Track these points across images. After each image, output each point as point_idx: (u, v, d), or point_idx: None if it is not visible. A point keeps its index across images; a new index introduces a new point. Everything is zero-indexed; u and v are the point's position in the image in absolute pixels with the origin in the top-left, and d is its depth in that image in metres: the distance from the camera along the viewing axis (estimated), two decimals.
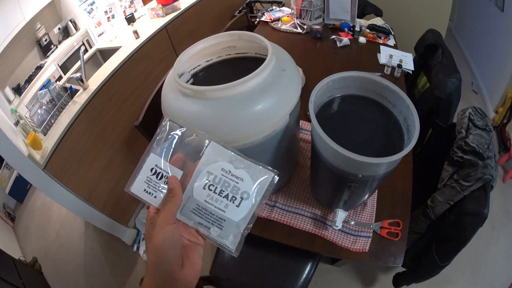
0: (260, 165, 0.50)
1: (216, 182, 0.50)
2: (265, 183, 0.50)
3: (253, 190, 0.50)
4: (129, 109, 2.07)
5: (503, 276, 1.99)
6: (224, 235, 0.49)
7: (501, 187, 2.44)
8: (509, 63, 2.72)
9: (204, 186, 0.50)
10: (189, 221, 0.50)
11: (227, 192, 0.50)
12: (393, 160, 0.63)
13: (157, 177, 0.51)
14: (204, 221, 0.49)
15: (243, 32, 0.88)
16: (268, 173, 0.50)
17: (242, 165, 0.50)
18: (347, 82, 0.81)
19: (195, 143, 0.53)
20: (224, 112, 0.69)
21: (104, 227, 1.98)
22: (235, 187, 0.50)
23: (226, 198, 0.49)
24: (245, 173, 0.50)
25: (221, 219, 0.49)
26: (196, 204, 0.50)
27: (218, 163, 0.51)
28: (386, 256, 1.03)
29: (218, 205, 0.49)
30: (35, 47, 1.79)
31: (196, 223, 0.49)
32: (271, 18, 2.39)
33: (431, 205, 1.31)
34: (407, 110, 0.74)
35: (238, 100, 0.69)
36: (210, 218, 0.49)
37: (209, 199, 0.50)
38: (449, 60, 1.68)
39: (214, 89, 0.68)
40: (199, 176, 0.50)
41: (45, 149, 1.54)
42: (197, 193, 0.50)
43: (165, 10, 2.44)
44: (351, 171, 0.71)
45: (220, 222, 0.49)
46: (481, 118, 1.35)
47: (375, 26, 2.16)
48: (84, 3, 2.08)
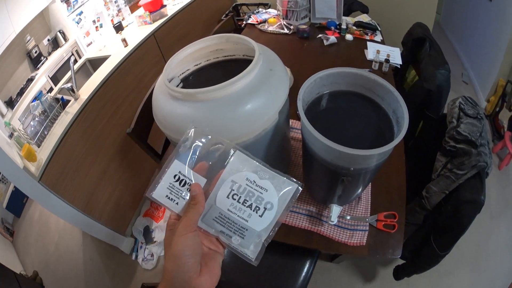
0: (285, 177, 0.51)
1: (240, 191, 0.50)
2: (289, 194, 0.50)
3: (276, 200, 0.50)
4: (121, 117, 2.07)
5: (506, 264, 2.00)
6: (245, 244, 0.49)
7: (498, 175, 2.46)
8: (499, 52, 2.74)
9: (228, 195, 0.50)
10: (211, 229, 0.49)
11: (251, 202, 0.50)
12: (383, 151, 0.63)
13: (180, 183, 0.50)
14: (226, 230, 0.49)
15: (230, 35, 0.89)
16: (292, 184, 0.50)
17: (267, 176, 0.50)
18: (334, 79, 0.82)
19: (220, 152, 0.52)
20: (214, 113, 0.70)
21: (101, 237, 1.98)
22: (259, 197, 0.50)
23: (250, 208, 0.49)
24: (270, 183, 0.50)
25: (244, 228, 0.49)
26: (219, 212, 0.49)
27: (243, 173, 0.51)
28: (384, 248, 1.03)
29: (241, 214, 0.49)
30: (25, 59, 1.80)
31: (217, 231, 0.49)
32: (258, 20, 2.40)
33: (426, 195, 1.31)
34: (395, 103, 0.75)
35: (227, 101, 0.70)
36: (233, 227, 0.49)
37: (232, 208, 0.49)
38: (437, 52, 1.70)
39: (203, 91, 0.68)
40: (223, 185, 0.50)
41: (40, 160, 1.54)
42: (220, 202, 0.50)
43: (152, 17, 2.45)
44: (343, 164, 0.71)
45: (242, 231, 0.49)
46: (472, 107, 1.37)
47: (361, 23, 2.18)
48: (72, 13, 2.08)
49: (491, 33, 2.94)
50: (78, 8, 2.13)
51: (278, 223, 0.49)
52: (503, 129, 2.57)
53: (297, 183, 0.50)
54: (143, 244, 2.17)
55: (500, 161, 2.51)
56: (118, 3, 2.48)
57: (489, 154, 1.24)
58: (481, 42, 3.22)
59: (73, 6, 2.09)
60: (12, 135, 1.52)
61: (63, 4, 2.02)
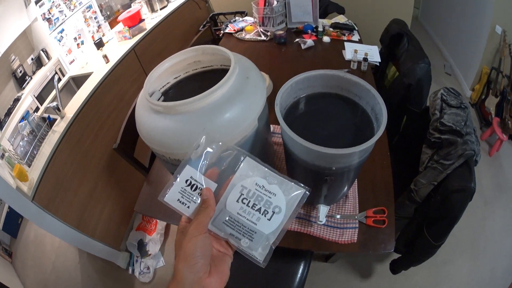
0: (293, 182, 0.52)
1: (250, 196, 0.51)
2: (297, 198, 0.52)
3: (284, 204, 0.51)
4: (106, 134, 2.07)
5: (505, 247, 2.03)
6: (253, 247, 0.50)
7: (488, 162, 2.50)
8: (481, 39, 2.78)
9: (238, 199, 0.52)
10: (221, 232, 0.51)
11: (260, 206, 0.51)
12: (363, 148, 0.65)
13: (191, 188, 0.52)
14: (236, 233, 0.51)
15: (206, 46, 0.90)
16: (300, 189, 0.52)
17: (275, 181, 0.52)
18: (310, 82, 0.84)
19: (230, 158, 0.54)
20: (194, 124, 0.71)
21: (97, 253, 1.97)
22: (268, 201, 0.51)
23: (259, 212, 0.51)
24: (278, 188, 0.52)
25: (252, 231, 0.50)
26: (229, 216, 0.51)
27: (253, 178, 0.52)
28: (376, 243, 1.05)
29: (250, 217, 0.51)
30: (11, 79, 1.80)
31: (227, 234, 0.51)
32: (235, 29, 2.42)
33: (414, 188, 1.33)
34: (373, 100, 0.77)
35: (206, 111, 0.71)
36: (242, 230, 0.51)
37: (241, 212, 0.51)
38: (416, 47, 1.72)
39: (182, 103, 0.70)
40: (233, 189, 0.52)
41: (32, 180, 1.54)
42: (230, 206, 0.51)
43: (131, 32, 2.46)
44: (324, 165, 0.73)
45: (251, 234, 0.50)
46: (455, 97, 1.38)
47: (338, 24, 2.21)
48: (54, 31, 2.09)
49: (472, 22, 2.98)
50: (59, 26, 2.13)
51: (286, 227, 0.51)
52: (490, 116, 2.60)
53: (304, 188, 0.52)
54: (138, 258, 2.17)
55: (490, 147, 2.55)
56: (98, 19, 2.48)
57: (477, 141, 1.25)
58: (461, 31, 3.27)
59: (55, 24, 2.10)
60: (3, 155, 1.52)
61: (45, 23, 2.02)
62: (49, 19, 2.05)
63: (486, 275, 1.92)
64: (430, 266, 1.89)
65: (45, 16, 2.02)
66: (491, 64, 2.72)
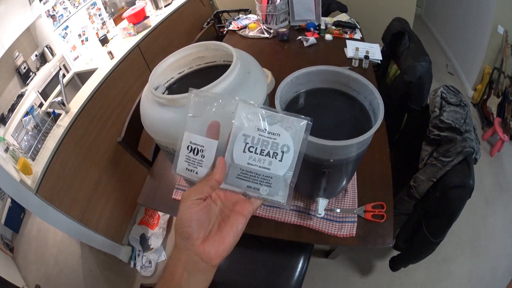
0: (292, 115, 0.50)
1: (255, 143, 0.49)
2: (301, 131, 0.49)
3: (291, 141, 0.49)
4: (111, 128, 2.10)
5: (506, 247, 2.03)
6: (273, 192, 0.49)
7: (490, 161, 2.51)
8: (483, 39, 2.78)
9: (244, 149, 0.49)
10: (237, 188, 0.50)
11: (268, 149, 0.49)
12: (360, 141, 0.67)
13: (194, 153, 0.51)
14: (252, 183, 0.49)
15: (209, 42, 0.93)
16: (302, 121, 0.50)
17: (276, 120, 0.50)
18: (310, 77, 0.86)
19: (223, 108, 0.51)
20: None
21: (99, 247, 2.00)
22: (274, 143, 0.49)
23: (269, 156, 0.49)
24: (280, 127, 0.49)
25: (268, 176, 0.49)
26: (240, 169, 0.49)
27: (252, 124, 0.49)
28: (374, 238, 1.07)
29: (262, 164, 0.49)
30: (15, 76, 1.81)
31: (244, 187, 0.50)
32: (239, 26, 2.44)
33: (414, 185, 1.34)
34: (371, 95, 0.79)
35: None
36: (257, 178, 0.49)
37: (251, 161, 0.49)
38: (417, 45, 1.73)
39: (185, 95, 0.72)
40: (236, 141, 0.49)
41: (35, 173, 1.56)
42: (238, 158, 0.49)
43: (136, 29, 2.48)
44: (323, 156, 0.75)
45: (268, 180, 0.49)
46: (455, 95, 1.39)
47: (340, 22, 2.22)
48: (58, 28, 2.11)
49: (475, 22, 2.98)
50: (63, 23, 2.15)
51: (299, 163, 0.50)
52: (492, 116, 2.61)
53: (305, 118, 0.50)
54: (140, 252, 2.19)
55: (491, 148, 2.55)
56: (102, 16, 2.51)
57: (476, 139, 1.26)
58: (464, 31, 3.27)
59: (59, 21, 2.11)
60: (7, 149, 1.54)
61: (49, 19, 2.04)
62: (53, 16, 2.07)
63: (486, 274, 1.93)
64: (431, 263, 1.90)
65: (49, 13, 2.04)
66: (493, 64, 2.72)
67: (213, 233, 0.47)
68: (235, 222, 0.48)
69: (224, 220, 0.49)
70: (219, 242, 0.46)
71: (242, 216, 0.49)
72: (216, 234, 0.47)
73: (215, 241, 0.46)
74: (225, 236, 0.47)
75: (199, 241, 0.45)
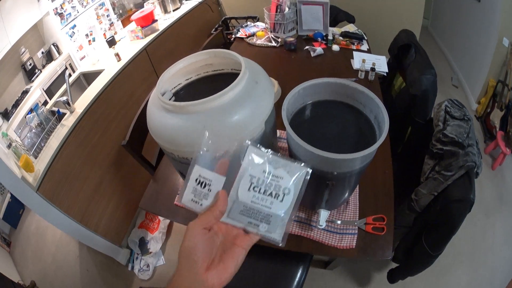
0: (295, 162, 0.54)
1: (260, 183, 0.53)
2: (302, 176, 0.54)
3: (292, 184, 0.53)
4: (115, 130, 2.10)
5: (505, 261, 2.02)
6: (272, 229, 0.52)
7: (491, 175, 2.51)
8: (488, 52, 2.79)
9: (249, 188, 0.53)
10: (238, 223, 0.53)
11: (271, 190, 0.53)
12: (364, 155, 0.67)
13: (201, 186, 0.55)
14: (253, 220, 0.53)
15: (218, 50, 0.93)
16: (303, 168, 0.54)
17: (280, 164, 0.54)
18: (317, 89, 0.86)
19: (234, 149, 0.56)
20: (204, 124, 0.74)
21: (98, 248, 2.00)
22: (277, 185, 0.53)
23: (271, 196, 0.53)
24: (283, 171, 0.54)
25: (269, 215, 0.53)
26: (243, 205, 0.53)
27: (259, 166, 0.54)
28: (374, 250, 1.06)
29: (264, 203, 0.53)
30: (20, 72, 1.82)
31: (245, 223, 0.53)
32: (246, 33, 2.45)
33: (415, 198, 1.34)
34: (376, 108, 0.79)
35: (216, 113, 0.74)
36: (259, 216, 0.53)
37: (255, 199, 0.53)
38: (423, 57, 1.73)
39: (193, 103, 0.73)
40: (242, 180, 0.54)
41: (37, 171, 1.57)
42: (242, 196, 0.53)
43: (144, 32, 2.49)
44: (327, 169, 0.75)
45: (268, 218, 0.53)
46: (459, 109, 1.39)
47: (347, 33, 2.23)
48: (65, 27, 2.12)
49: (480, 34, 2.99)
50: (71, 22, 2.16)
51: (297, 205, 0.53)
52: (495, 129, 2.61)
53: (306, 167, 0.54)
54: (139, 255, 2.19)
55: (493, 161, 2.55)
56: (110, 17, 2.52)
57: (478, 154, 1.26)
58: (470, 44, 3.27)
59: (67, 19, 2.13)
60: (10, 145, 1.55)
61: (57, 17, 2.05)
62: (61, 14, 2.08)
63: (484, 287, 1.92)
64: (429, 276, 1.89)
65: (57, 11, 2.05)
66: (497, 77, 2.72)
67: (216, 262, 0.49)
68: (236, 254, 0.51)
69: (226, 252, 0.51)
70: (222, 271, 0.48)
71: (242, 248, 0.51)
72: (219, 263, 0.49)
73: (218, 270, 0.48)
74: (227, 266, 0.49)
75: (203, 269, 0.47)
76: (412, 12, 2.86)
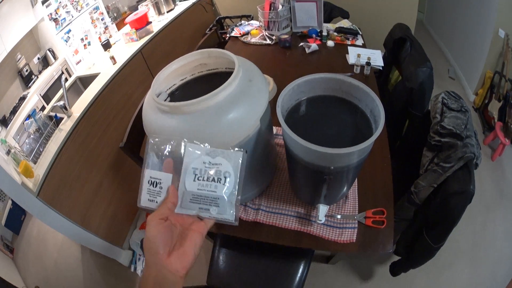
0: (230, 149, 0.61)
1: (202, 172, 0.60)
2: (238, 159, 0.60)
3: (231, 168, 0.60)
4: (112, 133, 2.11)
5: (506, 254, 2.02)
6: (222, 211, 0.59)
7: (491, 166, 2.51)
8: (484, 44, 2.79)
9: (194, 179, 0.59)
10: (190, 211, 0.59)
11: (213, 176, 0.59)
12: (360, 148, 0.67)
13: (153, 185, 0.60)
14: (203, 205, 0.59)
15: (212, 50, 0.93)
16: (238, 152, 0.60)
17: (217, 154, 0.60)
18: (312, 85, 0.86)
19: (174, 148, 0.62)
20: (199, 123, 0.74)
21: (99, 250, 2.00)
22: (217, 171, 0.60)
23: (214, 181, 0.59)
24: (221, 158, 0.60)
25: (216, 198, 0.59)
26: (191, 194, 0.59)
27: (199, 159, 0.60)
28: (375, 243, 1.07)
29: (209, 188, 0.59)
30: (17, 78, 1.82)
31: (196, 209, 0.59)
32: (241, 32, 2.45)
33: (414, 191, 1.33)
34: (372, 103, 0.79)
35: (211, 112, 0.74)
36: (207, 200, 0.59)
37: (200, 187, 0.59)
38: (418, 51, 1.73)
39: (188, 103, 0.73)
40: (186, 173, 0.60)
41: (37, 176, 1.57)
42: (189, 186, 0.59)
43: (138, 34, 2.50)
44: (324, 164, 0.75)
45: (216, 201, 0.59)
46: (456, 101, 1.39)
47: (342, 29, 2.23)
48: (60, 32, 2.12)
49: (476, 25, 2.99)
50: (66, 27, 2.16)
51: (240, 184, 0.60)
52: (493, 120, 2.61)
53: (240, 150, 0.61)
54: (141, 256, 2.20)
55: (492, 152, 2.56)
56: (105, 20, 2.52)
57: (477, 145, 1.26)
58: (466, 36, 3.28)
59: (61, 25, 2.13)
60: (9, 152, 1.55)
61: (52, 23, 2.05)
62: (56, 19, 2.08)
63: (486, 281, 1.92)
64: (430, 269, 1.90)
65: (52, 16, 2.05)
66: (494, 68, 2.73)
67: (176, 248, 0.55)
68: (193, 238, 0.57)
69: (184, 238, 0.57)
70: (182, 255, 0.54)
71: (199, 233, 0.58)
72: (179, 249, 0.55)
73: (178, 254, 0.54)
74: (186, 250, 0.55)
75: (165, 255, 0.53)
76: (406, 6, 2.86)
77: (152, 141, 0.62)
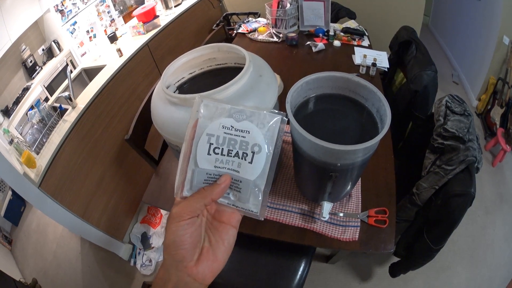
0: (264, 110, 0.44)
1: (220, 142, 0.44)
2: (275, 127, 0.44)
3: (263, 139, 0.43)
4: (117, 126, 2.11)
5: (504, 258, 2.04)
6: (244, 198, 0.44)
7: (491, 172, 2.52)
8: (488, 50, 2.80)
9: (209, 151, 0.44)
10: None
11: (236, 149, 0.43)
12: (367, 146, 0.68)
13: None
14: None
15: (222, 44, 0.94)
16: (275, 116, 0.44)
17: (244, 116, 0.44)
18: (320, 83, 0.87)
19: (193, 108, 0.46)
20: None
21: (99, 243, 2.01)
22: (243, 142, 0.43)
23: (237, 157, 0.43)
24: (249, 123, 0.44)
25: (237, 181, 0.44)
26: (206, 173, 0.44)
27: (216, 121, 0.44)
28: (376, 243, 1.07)
29: (230, 166, 0.44)
30: (20, 69, 1.82)
31: None
32: (248, 29, 2.46)
33: (416, 192, 1.34)
34: (378, 102, 0.80)
35: None
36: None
37: (218, 164, 0.44)
38: (423, 54, 1.74)
39: (198, 96, 0.73)
40: (199, 142, 0.44)
41: (39, 167, 1.57)
42: (202, 162, 0.44)
43: (145, 28, 2.50)
44: (330, 161, 0.76)
45: (237, 185, 0.44)
46: (459, 104, 1.40)
47: (349, 29, 2.23)
48: (66, 23, 2.12)
49: (480, 31, 3.00)
50: (72, 18, 2.16)
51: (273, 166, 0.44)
52: (495, 126, 2.62)
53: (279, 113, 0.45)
54: (141, 250, 2.20)
55: (493, 158, 2.57)
56: (111, 13, 2.52)
57: (479, 149, 1.27)
58: (470, 41, 3.28)
59: (67, 16, 2.12)
60: (11, 141, 1.55)
61: (58, 14, 2.05)
62: (61, 11, 2.08)
63: (484, 284, 1.93)
64: (429, 271, 1.91)
65: (58, 8, 2.05)
66: (498, 75, 2.73)
67: (205, 251, 0.44)
68: (226, 236, 0.45)
69: (214, 234, 0.45)
70: (213, 261, 0.43)
71: (231, 227, 0.46)
72: (208, 252, 0.44)
73: (208, 260, 0.43)
74: (217, 253, 0.44)
75: (193, 263, 0.42)
76: (412, 9, 2.86)
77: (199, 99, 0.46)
